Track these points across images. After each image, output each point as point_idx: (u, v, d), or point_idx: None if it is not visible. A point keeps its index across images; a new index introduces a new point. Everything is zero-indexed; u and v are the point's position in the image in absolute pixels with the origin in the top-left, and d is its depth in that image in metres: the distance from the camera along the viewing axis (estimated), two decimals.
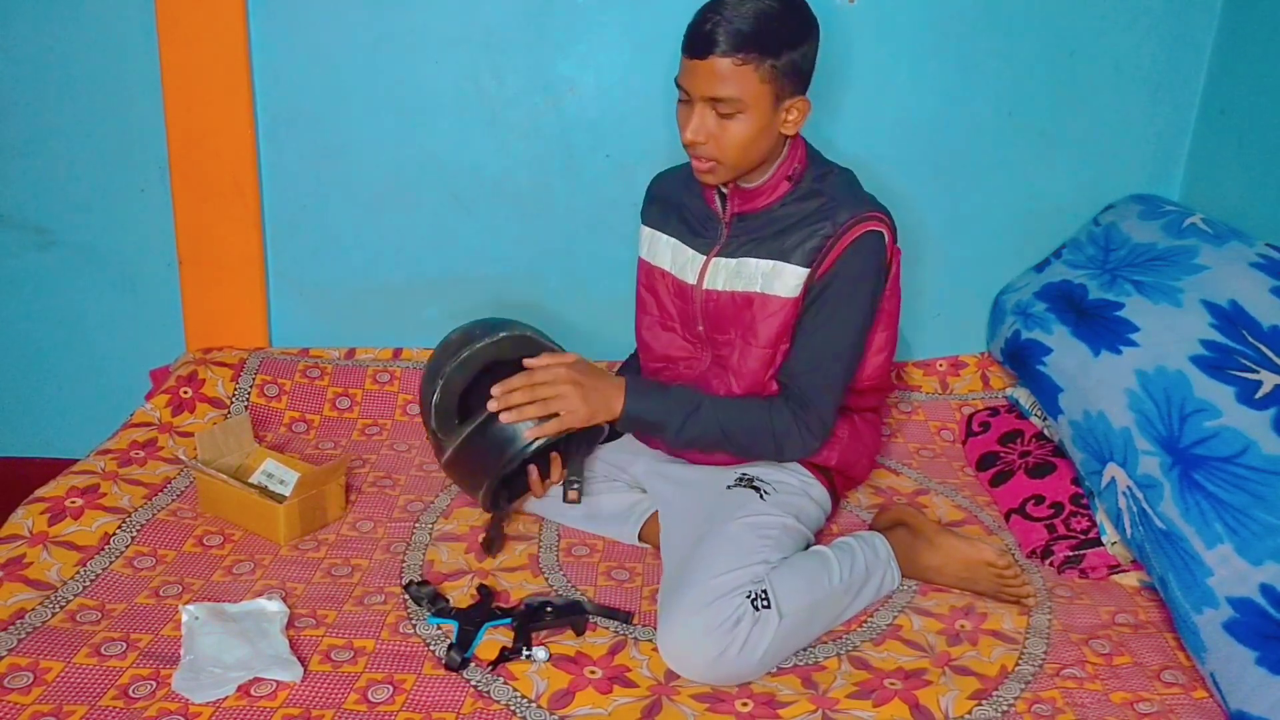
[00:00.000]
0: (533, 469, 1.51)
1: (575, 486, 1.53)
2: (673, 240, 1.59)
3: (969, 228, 2.07)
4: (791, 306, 1.48)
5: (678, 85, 1.42)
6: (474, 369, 1.44)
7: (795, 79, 1.41)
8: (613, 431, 1.59)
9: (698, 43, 1.36)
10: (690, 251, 1.56)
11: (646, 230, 1.65)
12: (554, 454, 1.53)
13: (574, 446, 1.55)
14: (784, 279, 1.47)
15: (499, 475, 1.44)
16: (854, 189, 1.53)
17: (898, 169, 1.99)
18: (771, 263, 1.48)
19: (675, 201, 1.61)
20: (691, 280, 1.56)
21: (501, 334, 1.46)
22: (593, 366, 1.47)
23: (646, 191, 1.68)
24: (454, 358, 1.44)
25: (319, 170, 1.97)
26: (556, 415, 1.41)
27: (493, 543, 1.55)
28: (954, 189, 2.04)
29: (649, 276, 1.63)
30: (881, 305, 1.55)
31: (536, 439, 1.41)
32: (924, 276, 2.06)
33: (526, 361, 1.43)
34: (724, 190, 1.52)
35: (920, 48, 1.94)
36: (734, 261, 1.51)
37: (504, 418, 1.40)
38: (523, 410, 1.40)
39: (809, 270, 1.46)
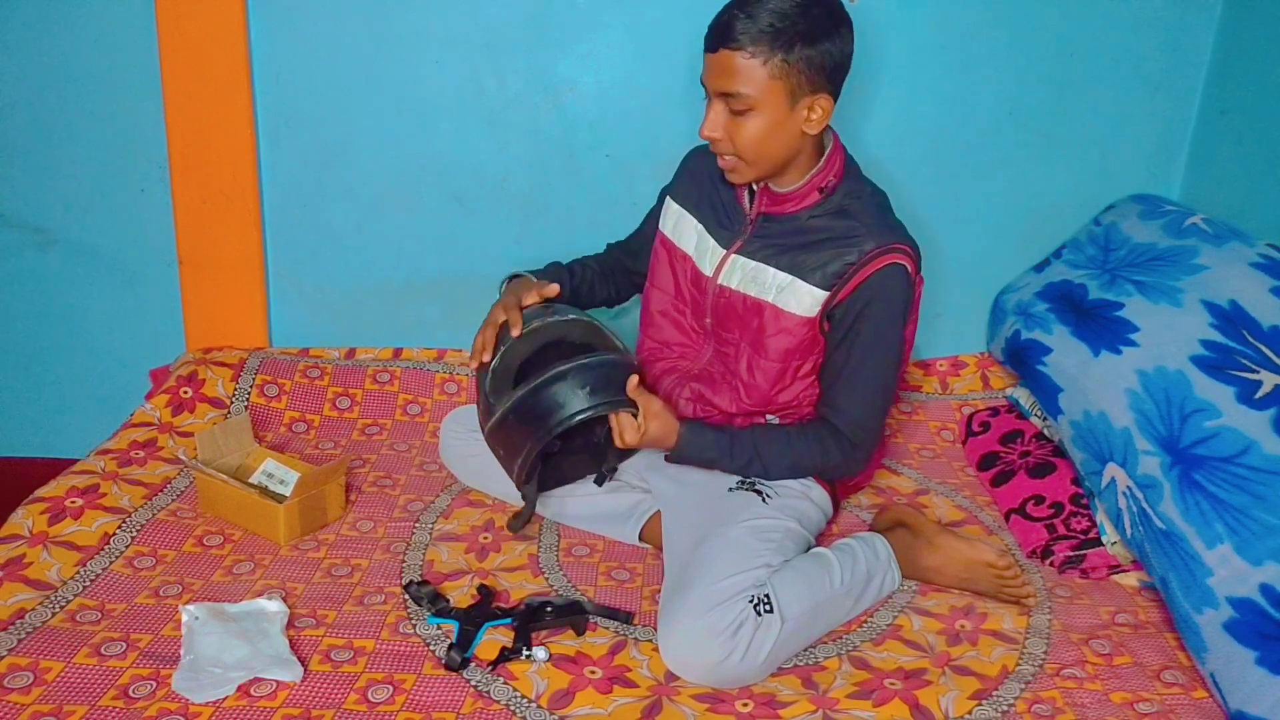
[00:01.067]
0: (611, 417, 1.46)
1: (611, 471, 1.58)
2: (699, 226, 1.57)
3: (969, 228, 2.07)
4: (806, 326, 1.47)
5: (701, 81, 1.42)
6: (539, 342, 1.45)
7: (814, 76, 1.37)
8: None
9: (710, 36, 1.36)
10: (712, 242, 1.55)
11: (674, 206, 1.61)
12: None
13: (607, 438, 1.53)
14: (799, 296, 1.46)
15: (544, 440, 1.41)
16: (885, 215, 1.50)
17: (898, 169, 1.99)
18: (789, 277, 1.46)
19: (709, 184, 1.57)
20: (708, 272, 1.55)
21: (572, 315, 1.47)
22: (656, 411, 1.45)
23: (682, 163, 1.65)
24: (521, 327, 1.45)
25: (319, 170, 1.97)
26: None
27: (521, 519, 1.52)
28: (954, 189, 2.04)
29: (669, 254, 1.61)
30: (902, 332, 1.54)
31: (583, 409, 1.39)
32: (925, 276, 2.05)
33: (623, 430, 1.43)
34: (754, 188, 1.51)
35: (921, 47, 1.94)
36: (752, 264, 1.50)
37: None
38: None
39: (828, 293, 1.45)
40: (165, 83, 1.87)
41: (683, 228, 1.59)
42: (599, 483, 1.60)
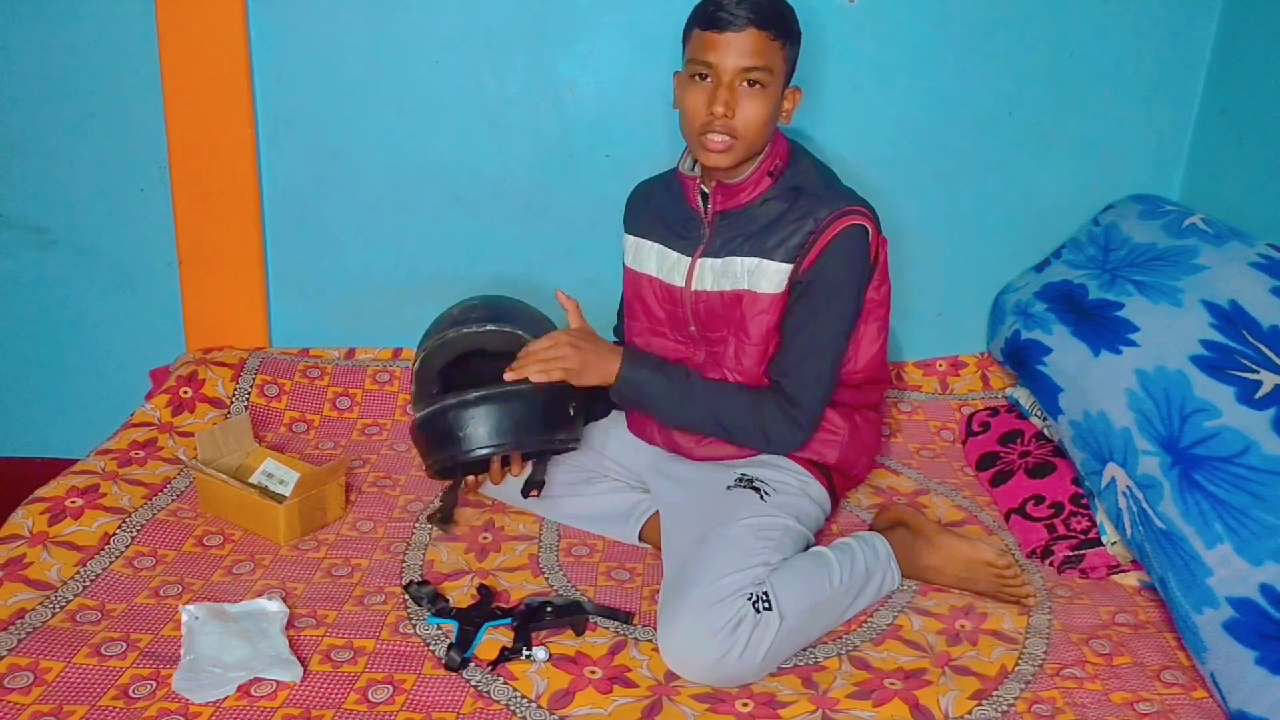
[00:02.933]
0: (495, 460, 1.53)
1: (536, 486, 1.57)
2: (657, 246, 1.61)
3: (969, 228, 2.07)
4: (778, 301, 1.50)
5: (697, 63, 1.43)
6: (454, 352, 1.49)
7: (794, 68, 1.48)
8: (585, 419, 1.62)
9: (730, 14, 1.39)
10: (675, 255, 1.58)
11: (630, 239, 1.66)
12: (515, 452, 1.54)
13: (534, 452, 1.56)
14: (768, 276, 1.49)
15: (440, 464, 1.48)
16: (833, 185, 1.55)
17: (898, 169, 1.99)
18: (756, 260, 1.50)
19: (656, 207, 1.62)
20: (679, 283, 1.57)
21: (490, 326, 1.49)
22: (592, 334, 1.53)
23: (627, 201, 1.70)
24: (440, 334, 1.50)
25: (319, 170, 1.97)
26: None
27: (440, 516, 1.56)
28: (954, 189, 2.04)
29: (636, 284, 1.65)
30: (871, 295, 1.57)
31: (478, 449, 1.43)
32: (924, 276, 2.06)
33: (529, 347, 1.47)
34: (705, 189, 1.53)
35: (920, 48, 1.94)
36: (720, 261, 1.53)
37: (508, 375, 1.44)
38: (526, 368, 1.44)
39: (792, 266, 1.48)
40: (165, 83, 1.87)
41: (641, 254, 1.63)
42: (524, 494, 1.58)
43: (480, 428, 1.43)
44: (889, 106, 1.97)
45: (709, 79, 1.43)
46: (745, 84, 1.42)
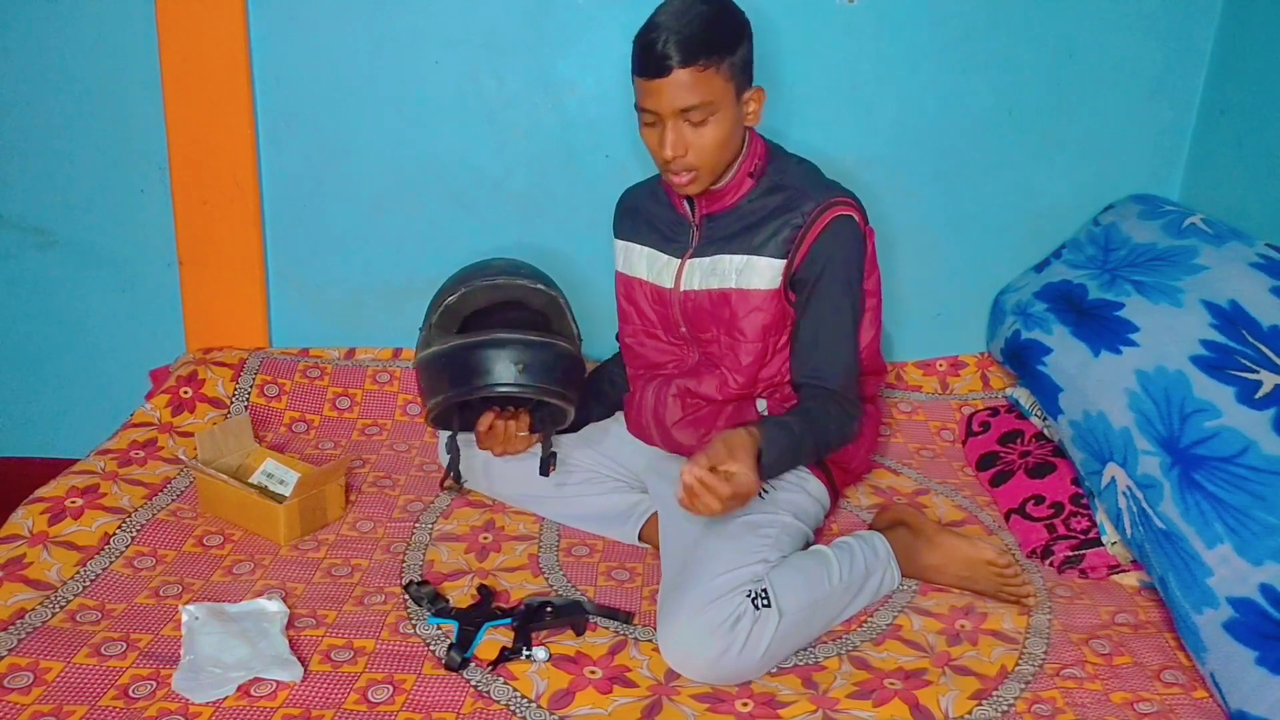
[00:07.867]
0: (510, 424, 1.55)
1: (552, 461, 1.57)
2: (647, 249, 1.61)
3: (969, 228, 2.07)
4: (773, 298, 1.50)
5: (641, 109, 1.43)
6: (499, 298, 1.49)
7: (746, 72, 1.45)
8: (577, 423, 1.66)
9: (656, 62, 1.37)
10: (665, 257, 1.59)
11: (620, 244, 1.67)
12: (523, 417, 1.57)
13: (545, 418, 1.58)
14: (759, 271, 1.49)
15: (460, 397, 1.48)
16: (816, 178, 1.55)
17: (898, 169, 1.99)
18: (744, 258, 1.50)
19: (645, 212, 1.63)
20: (669, 285, 1.58)
21: (540, 285, 1.51)
22: (733, 459, 1.29)
23: (616, 207, 1.70)
24: (489, 277, 1.50)
25: (319, 170, 1.97)
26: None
27: (451, 478, 1.62)
28: (954, 189, 2.04)
29: (627, 288, 1.65)
30: (864, 286, 1.57)
31: (506, 384, 1.45)
32: (924, 276, 2.07)
33: (727, 478, 1.27)
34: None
35: (920, 48, 1.94)
36: (708, 260, 1.53)
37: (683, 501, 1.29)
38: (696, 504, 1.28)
39: (785, 260, 1.48)
40: (165, 83, 1.88)
41: (632, 258, 1.64)
42: (543, 472, 1.57)
43: (508, 366, 1.45)
44: (888, 106, 1.97)
45: (655, 124, 1.43)
46: (687, 123, 1.40)
